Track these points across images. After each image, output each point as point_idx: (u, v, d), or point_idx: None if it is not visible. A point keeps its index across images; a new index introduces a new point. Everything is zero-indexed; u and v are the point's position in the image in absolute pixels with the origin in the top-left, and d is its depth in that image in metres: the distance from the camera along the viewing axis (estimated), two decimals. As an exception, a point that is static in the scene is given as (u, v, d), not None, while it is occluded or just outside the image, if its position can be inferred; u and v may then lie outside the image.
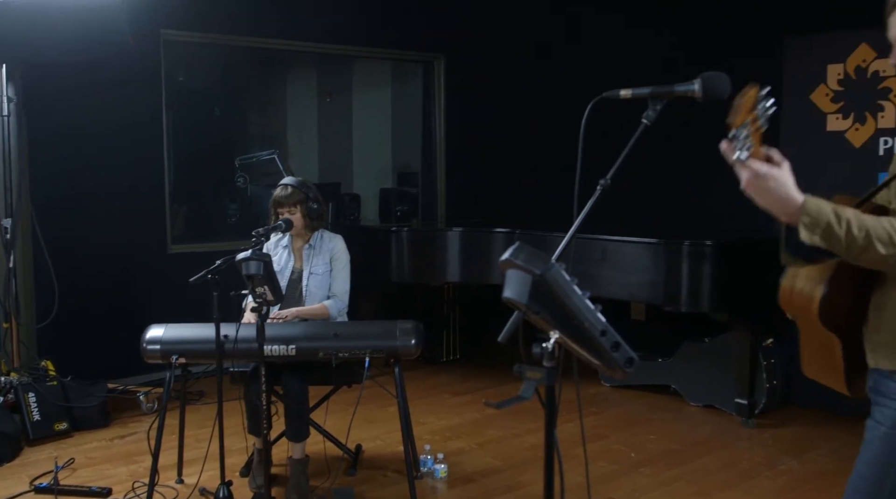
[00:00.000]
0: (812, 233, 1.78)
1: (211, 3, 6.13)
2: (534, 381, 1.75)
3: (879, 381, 2.05)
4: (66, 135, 5.64)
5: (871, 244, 1.78)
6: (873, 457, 2.05)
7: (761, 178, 1.78)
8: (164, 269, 6.00)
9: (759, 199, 1.82)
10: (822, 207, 1.79)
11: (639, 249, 5.06)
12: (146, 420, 5.09)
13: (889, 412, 2.02)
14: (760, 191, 1.80)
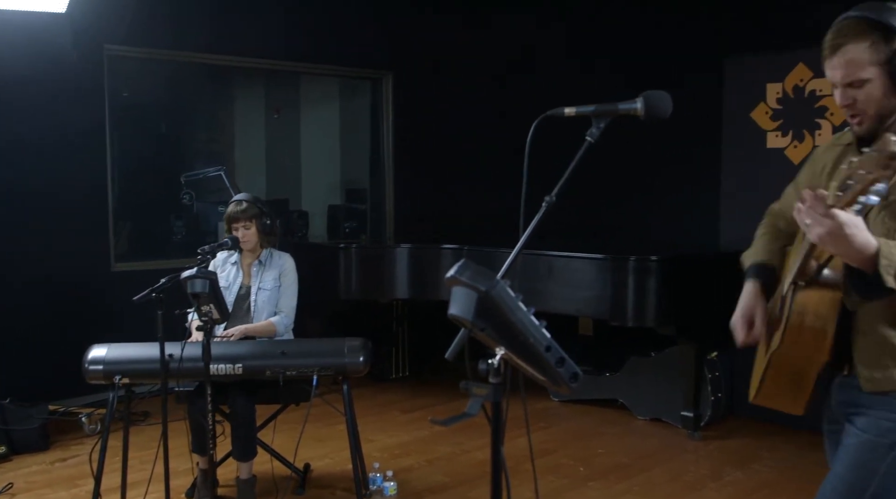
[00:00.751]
0: (887, 275, 1.80)
1: (156, 18, 6.06)
2: (480, 397, 1.75)
3: (858, 397, 2.10)
4: (7, 149, 5.51)
5: None
6: (858, 462, 2.09)
7: (846, 226, 1.74)
8: (108, 287, 5.89)
9: (835, 246, 1.80)
10: (891, 248, 1.81)
11: (585, 265, 5.12)
12: (88, 442, 4.98)
13: (874, 422, 2.06)
14: (841, 239, 1.76)
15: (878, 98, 2.01)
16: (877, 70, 1.98)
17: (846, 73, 2.01)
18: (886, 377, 2.04)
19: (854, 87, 2.02)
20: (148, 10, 5.91)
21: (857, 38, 1.99)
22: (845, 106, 2.06)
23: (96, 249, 6.02)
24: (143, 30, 6.00)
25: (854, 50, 1.99)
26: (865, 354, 2.06)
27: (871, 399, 2.07)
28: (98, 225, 6.04)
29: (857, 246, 1.76)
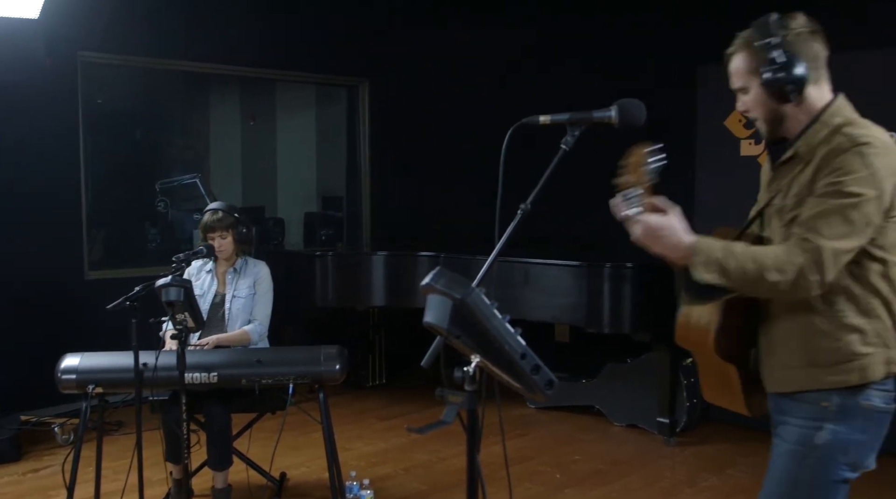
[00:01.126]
0: (707, 270, 1.94)
1: (131, 25, 6.02)
2: (455, 405, 1.75)
3: (779, 402, 2.17)
4: (-22, 158, 5.46)
5: (761, 275, 1.92)
6: (781, 474, 2.15)
7: (653, 229, 1.97)
8: (81, 295, 5.83)
9: (653, 248, 2.03)
10: (711, 246, 1.95)
11: (561, 272, 5.13)
12: (61, 453, 4.92)
13: (792, 430, 2.13)
14: (654, 241, 2.01)
15: (759, 104, 2.16)
16: (754, 79, 2.15)
17: (733, 80, 2.21)
18: (783, 378, 2.12)
19: (743, 93, 2.20)
20: (122, 16, 5.87)
21: (739, 49, 2.19)
22: (742, 112, 2.24)
23: (70, 257, 5.97)
24: (118, 36, 5.96)
25: (737, 60, 2.19)
26: (767, 356, 2.17)
27: (790, 405, 2.13)
28: (71, 233, 5.98)
29: (669, 245, 2.00)
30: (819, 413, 2.08)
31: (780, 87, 2.08)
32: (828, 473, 2.10)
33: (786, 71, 2.06)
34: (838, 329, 2.05)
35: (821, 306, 2.05)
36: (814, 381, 2.08)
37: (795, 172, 2.10)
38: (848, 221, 1.94)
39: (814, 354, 2.07)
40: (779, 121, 2.16)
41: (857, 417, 2.07)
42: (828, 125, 2.09)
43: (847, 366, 2.05)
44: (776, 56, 2.07)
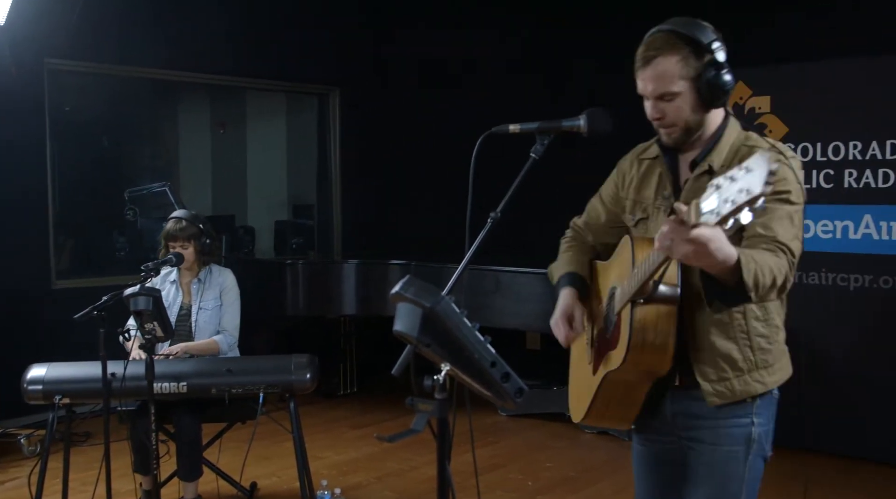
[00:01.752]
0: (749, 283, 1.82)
1: (99, 32, 5.98)
2: (426, 413, 1.75)
3: (691, 405, 2.14)
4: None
5: (774, 281, 1.87)
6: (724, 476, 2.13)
7: (711, 242, 1.72)
8: (48, 305, 5.76)
9: (699, 261, 1.78)
10: (747, 257, 1.84)
11: (532, 280, 5.15)
12: (27, 464, 4.85)
13: (723, 433, 2.12)
14: (705, 255, 1.75)
15: (686, 112, 2.07)
16: (686, 84, 2.04)
17: (657, 86, 2.06)
18: (729, 389, 2.10)
19: (664, 100, 2.06)
20: (90, 23, 5.82)
21: (668, 51, 2.03)
22: (656, 119, 2.11)
23: (36, 266, 5.89)
24: (86, 43, 5.92)
25: (665, 63, 2.03)
26: (704, 369, 2.10)
27: (712, 410, 2.12)
28: (38, 241, 5.91)
29: (720, 258, 1.77)
30: (744, 409, 2.11)
31: (721, 89, 2.03)
32: (760, 466, 2.15)
33: (729, 73, 2.04)
34: (771, 330, 2.12)
35: (758, 310, 2.09)
36: (760, 384, 2.10)
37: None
38: (794, 225, 1.99)
39: (756, 357, 2.09)
40: (695, 129, 2.09)
41: (770, 408, 2.16)
42: (731, 136, 2.11)
43: (782, 363, 2.14)
44: (721, 58, 2.04)
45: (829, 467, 4.80)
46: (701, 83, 2.03)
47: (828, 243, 4.93)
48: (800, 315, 4.93)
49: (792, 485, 4.31)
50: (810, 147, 4.98)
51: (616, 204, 2.36)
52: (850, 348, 4.88)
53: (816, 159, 4.97)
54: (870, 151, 4.79)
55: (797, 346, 5.14)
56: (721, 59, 2.04)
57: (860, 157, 4.83)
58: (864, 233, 4.82)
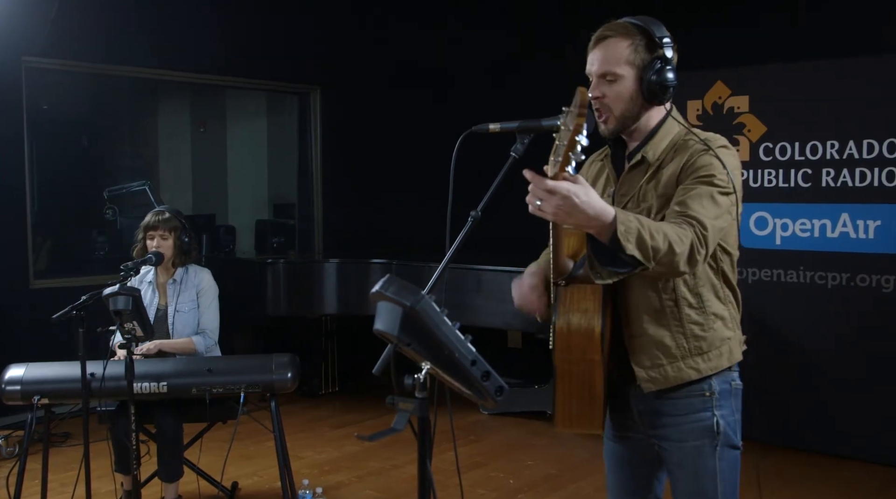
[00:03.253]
0: (628, 242, 1.79)
1: (77, 30, 5.93)
2: (406, 412, 1.76)
3: (655, 404, 2.17)
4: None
5: (670, 247, 1.85)
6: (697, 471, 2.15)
7: (575, 195, 1.73)
8: (26, 304, 5.71)
9: (570, 218, 1.77)
10: (628, 216, 1.83)
11: (512, 278, 5.15)
12: (6, 466, 4.81)
13: (687, 429, 2.15)
14: (573, 209, 1.74)
15: (625, 99, 2.12)
16: (631, 71, 2.10)
17: (602, 64, 2.12)
18: (662, 375, 2.12)
19: (607, 80, 2.12)
20: (68, 21, 5.78)
21: (621, 35, 2.11)
22: (595, 98, 2.14)
23: (14, 266, 5.84)
24: (64, 41, 5.87)
25: (615, 45, 2.10)
26: (639, 356, 2.14)
27: (670, 405, 2.15)
28: (16, 241, 5.86)
29: (592, 213, 1.76)
30: (704, 403, 2.14)
31: (662, 85, 2.08)
32: (732, 456, 2.17)
33: (673, 73, 2.09)
34: (707, 318, 2.13)
35: (690, 298, 2.11)
36: (695, 370, 2.12)
37: (646, 176, 2.13)
38: (717, 203, 2.00)
39: (690, 344, 2.12)
40: (632, 121, 2.14)
41: (731, 398, 2.18)
42: (671, 132, 2.15)
43: (719, 350, 2.14)
44: (670, 56, 2.09)
45: (805, 463, 4.85)
46: (645, 75, 2.09)
47: (806, 242, 4.98)
48: (778, 312, 5.03)
49: (767, 481, 4.35)
50: (788, 146, 5.02)
51: None
52: (828, 346, 4.93)
53: (795, 159, 5.01)
54: (847, 150, 4.83)
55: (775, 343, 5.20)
56: (668, 56, 2.10)
57: (838, 156, 4.87)
58: (842, 231, 4.87)
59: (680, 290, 2.11)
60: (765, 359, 4.63)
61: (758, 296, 4.89)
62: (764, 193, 5.11)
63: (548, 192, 1.73)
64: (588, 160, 2.41)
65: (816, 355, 4.97)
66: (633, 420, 2.25)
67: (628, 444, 2.31)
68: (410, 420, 1.78)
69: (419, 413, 1.77)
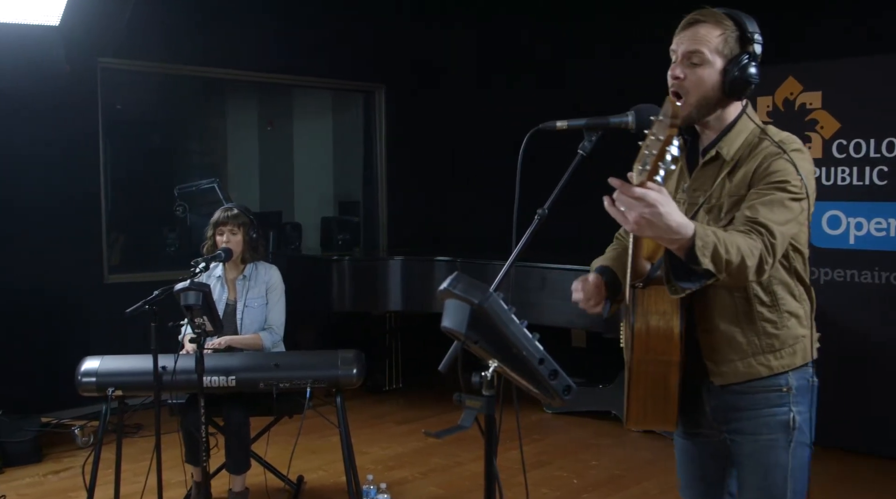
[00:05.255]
0: (704, 257, 1.78)
1: (149, 31, 6.08)
2: (473, 410, 1.76)
3: (732, 399, 2.15)
4: (1, 162, 5.52)
5: (742, 260, 1.85)
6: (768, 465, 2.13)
7: (659, 204, 1.70)
8: (101, 299, 5.88)
9: (651, 228, 1.74)
10: (706, 231, 1.81)
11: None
12: (81, 455, 4.96)
13: (761, 423, 2.13)
14: (657, 219, 1.72)
15: (705, 86, 2.08)
16: (718, 60, 2.08)
17: (690, 44, 2.08)
18: (732, 371, 2.12)
19: (692, 62, 2.08)
20: (141, 23, 5.92)
21: (714, 23, 2.09)
22: (675, 78, 2.11)
23: (89, 262, 6.02)
24: (137, 43, 6.02)
25: (707, 31, 2.08)
26: (710, 352, 2.13)
27: (747, 400, 2.13)
28: (91, 237, 6.04)
29: (674, 225, 1.74)
30: (781, 398, 2.12)
31: (746, 80, 2.06)
32: (805, 454, 2.14)
33: (757, 69, 2.07)
34: (780, 316, 2.11)
35: (763, 296, 2.10)
36: (765, 367, 2.11)
37: (722, 173, 2.11)
38: (788, 209, 1.98)
39: (761, 342, 2.10)
40: (707, 112, 2.11)
41: (807, 395, 2.15)
42: (746, 130, 2.12)
43: (792, 348, 2.12)
44: (757, 51, 2.07)
45: (876, 468, 4.72)
46: (730, 68, 2.07)
47: (881, 241, 4.83)
48: (851, 314, 4.89)
49: (837, 485, 4.25)
50: (863, 143, 4.88)
51: None
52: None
53: (870, 156, 4.86)
54: (925, 146, 4.68)
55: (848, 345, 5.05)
56: (757, 53, 2.08)
57: (915, 153, 4.72)
58: (920, 231, 4.72)
59: (752, 288, 2.09)
60: (836, 361, 4.51)
61: (830, 297, 4.76)
62: (837, 192, 4.98)
63: (635, 199, 1.71)
64: None
65: (892, 359, 4.82)
66: (704, 416, 2.23)
67: (699, 440, 2.29)
68: (477, 418, 1.77)
69: (486, 411, 1.77)
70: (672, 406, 2.13)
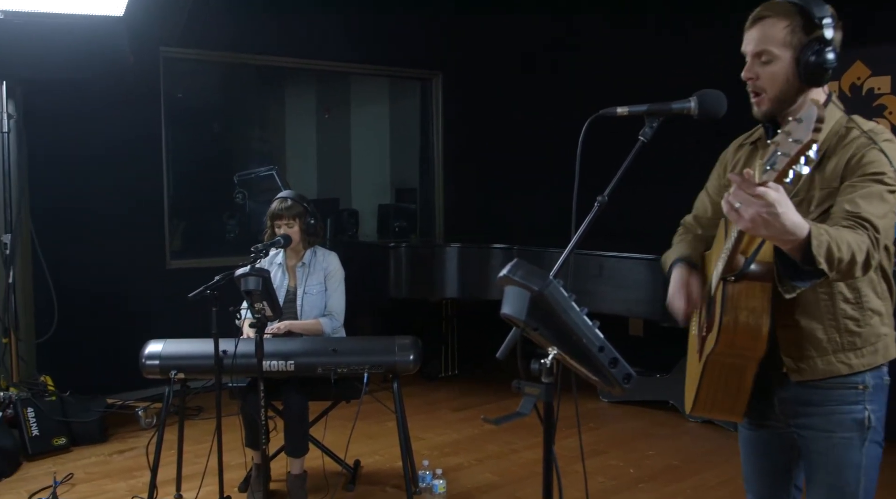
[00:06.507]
0: (818, 256, 1.75)
1: (210, 20, 6.16)
2: (532, 397, 1.76)
3: (806, 394, 2.11)
4: (66, 151, 5.66)
5: (853, 257, 1.81)
6: (841, 463, 2.10)
7: (778, 204, 1.67)
8: (163, 284, 6.01)
9: (766, 228, 1.71)
10: (820, 230, 1.78)
11: (636, 265, 5.08)
12: (145, 435, 5.09)
13: (836, 420, 2.09)
14: (773, 219, 1.68)
15: (779, 80, 2.04)
16: (787, 53, 2.02)
17: (757, 44, 2.05)
18: (811, 368, 2.07)
19: (761, 61, 2.05)
20: (202, 12, 6.00)
21: (779, 15, 2.03)
22: (748, 79, 2.08)
23: (152, 248, 6.16)
24: (197, 32, 6.10)
25: (772, 25, 2.03)
26: (789, 347, 2.08)
27: (821, 395, 2.09)
28: (154, 224, 6.17)
29: (790, 226, 1.70)
30: (857, 396, 2.08)
31: (820, 67, 2.00)
32: (877, 453, 2.11)
33: (833, 53, 2.01)
34: (863, 313, 2.06)
35: (848, 293, 2.05)
36: (845, 365, 2.06)
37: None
38: (886, 202, 1.93)
39: (843, 339, 2.06)
40: (788, 103, 2.06)
41: (881, 394, 2.11)
42: (832, 118, 2.06)
43: (874, 347, 2.08)
44: (828, 35, 2.01)
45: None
46: (802, 56, 2.01)
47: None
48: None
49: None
50: (934, 129, 4.74)
51: (719, 194, 2.34)
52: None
53: (940, 142, 4.72)
54: None
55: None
56: (828, 37, 2.01)
57: None
58: None
59: (836, 284, 2.04)
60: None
61: None
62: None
63: (755, 196, 1.68)
64: (734, 144, 2.35)
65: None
66: (771, 408, 2.19)
67: (765, 432, 2.26)
68: (536, 405, 1.77)
69: (545, 398, 1.77)
70: (743, 399, 2.11)
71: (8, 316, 5.04)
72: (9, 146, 5.08)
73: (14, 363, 5.06)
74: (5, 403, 4.84)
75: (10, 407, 4.82)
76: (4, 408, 4.81)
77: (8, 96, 5.06)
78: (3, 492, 4.30)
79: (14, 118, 5.11)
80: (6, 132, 5.05)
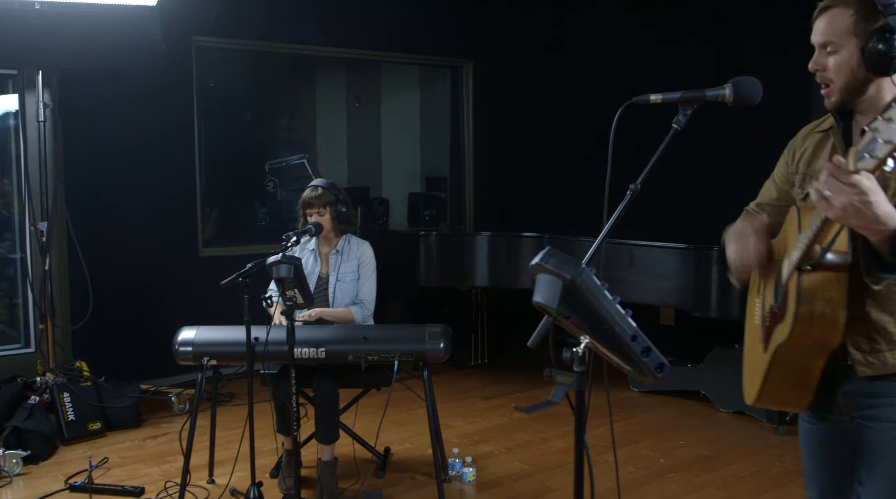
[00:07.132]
0: None
1: (242, 9, 6.19)
2: (564, 385, 1.75)
3: (873, 387, 2.06)
4: (100, 140, 5.73)
5: None
6: None
7: (871, 193, 1.63)
8: (196, 272, 6.07)
9: (856, 217, 1.67)
10: None
11: (668, 255, 5.04)
12: (178, 421, 5.15)
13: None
14: (865, 208, 1.64)
15: (846, 70, 1.99)
16: (853, 42, 1.97)
17: (822, 35, 2.01)
18: (881, 361, 2.02)
19: (827, 52, 2.01)
20: (234, 1, 6.03)
21: (844, 5, 1.98)
22: (815, 71, 2.04)
23: (185, 236, 6.21)
24: (229, 21, 6.14)
25: (838, 15, 1.99)
26: (857, 339, 2.03)
27: (886, 387, 2.03)
28: (186, 212, 6.22)
29: (882, 216, 1.66)
30: None
31: (886, 55, 1.93)
32: None
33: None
34: None
35: None
36: None
37: None
38: None
39: None
40: (857, 93, 2.01)
41: None
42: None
43: None
44: (893, 23, 1.94)
45: None
46: (867, 45, 1.96)
47: None
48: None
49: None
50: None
51: (786, 181, 2.31)
52: None
53: None
54: None
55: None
56: (893, 24, 1.94)
57: None
58: None
59: None
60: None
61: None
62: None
63: (848, 185, 1.64)
64: (802, 132, 2.30)
65: None
66: (834, 401, 2.15)
67: (829, 425, 2.21)
68: (567, 394, 1.77)
69: (577, 387, 1.76)
70: (809, 390, 2.08)
71: (44, 302, 5.12)
72: (45, 135, 5.14)
73: (50, 349, 5.14)
74: (42, 388, 4.92)
75: (46, 392, 4.90)
76: (41, 393, 4.89)
77: (44, 86, 5.11)
78: (40, 475, 4.38)
79: (49, 107, 5.17)
80: (42, 121, 5.11)
